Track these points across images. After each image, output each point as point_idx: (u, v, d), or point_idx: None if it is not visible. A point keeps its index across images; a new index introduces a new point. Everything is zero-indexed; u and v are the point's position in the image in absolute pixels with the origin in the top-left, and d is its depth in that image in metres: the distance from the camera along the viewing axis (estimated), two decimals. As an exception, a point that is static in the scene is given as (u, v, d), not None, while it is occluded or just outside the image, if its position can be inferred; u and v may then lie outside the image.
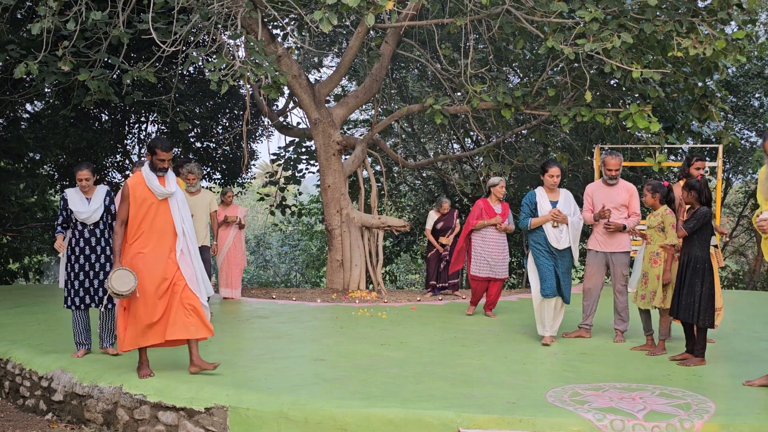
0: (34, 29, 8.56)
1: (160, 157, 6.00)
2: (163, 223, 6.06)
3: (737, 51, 9.76)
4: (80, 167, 6.94)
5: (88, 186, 6.91)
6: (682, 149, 16.06)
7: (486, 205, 9.48)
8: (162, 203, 6.04)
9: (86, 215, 6.82)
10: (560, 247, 7.61)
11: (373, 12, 8.51)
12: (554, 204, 7.70)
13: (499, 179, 9.53)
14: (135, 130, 17.14)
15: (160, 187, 6.02)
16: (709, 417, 4.92)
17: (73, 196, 6.89)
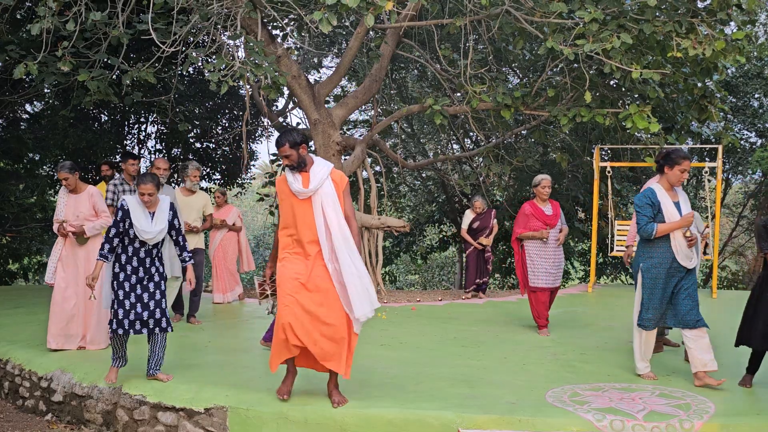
0: (34, 30, 8.55)
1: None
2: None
3: (737, 51, 9.76)
4: (144, 180, 5.97)
5: (151, 197, 5.96)
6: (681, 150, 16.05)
7: (534, 207, 8.42)
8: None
9: (151, 235, 5.95)
10: (691, 265, 6.04)
11: (373, 12, 8.50)
12: (677, 206, 6.11)
13: (542, 177, 8.53)
14: (134, 131, 17.14)
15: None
16: (708, 417, 4.92)
17: (136, 207, 5.95)
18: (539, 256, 8.31)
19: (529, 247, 8.36)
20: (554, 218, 8.39)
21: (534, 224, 8.31)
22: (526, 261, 8.37)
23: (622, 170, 15.69)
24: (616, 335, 8.20)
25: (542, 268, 8.30)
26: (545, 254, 8.32)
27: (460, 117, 15.39)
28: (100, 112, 15.95)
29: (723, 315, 9.75)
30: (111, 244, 5.93)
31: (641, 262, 6.12)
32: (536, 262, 8.31)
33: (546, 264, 8.30)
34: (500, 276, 21.39)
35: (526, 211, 8.41)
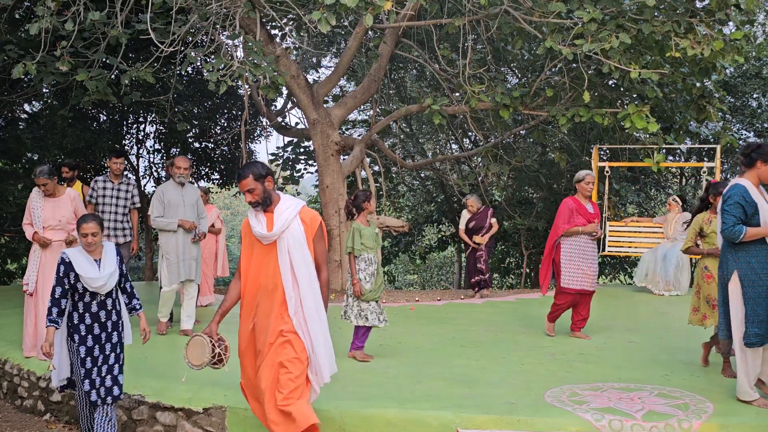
0: (33, 29, 8.55)
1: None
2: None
3: (735, 51, 9.76)
4: (86, 219, 5.26)
5: (95, 237, 5.24)
6: (680, 149, 16.07)
7: (577, 204, 7.97)
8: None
9: (101, 282, 5.20)
10: None
11: (372, 12, 8.50)
12: None
13: (586, 172, 8.06)
14: (133, 131, 17.13)
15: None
16: (707, 417, 4.93)
17: (78, 256, 5.21)
18: (578, 256, 7.89)
19: (566, 247, 7.90)
20: (595, 216, 8.02)
21: (578, 221, 7.90)
22: (560, 261, 7.91)
23: (620, 170, 15.69)
24: (615, 335, 8.20)
25: (579, 270, 7.88)
26: (583, 254, 7.92)
27: (458, 117, 15.39)
28: (98, 112, 15.94)
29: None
30: (59, 306, 5.16)
31: (735, 269, 5.34)
32: (573, 263, 7.87)
33: (584, 265, 7.88)
34: (499, 276, 21.39)
35: (570, 205, 7.92)
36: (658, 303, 10.44)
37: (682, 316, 9.31)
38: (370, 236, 6.86)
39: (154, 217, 7.87)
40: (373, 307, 6.86)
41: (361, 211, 6.89)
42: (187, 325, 8.01)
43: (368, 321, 6.81)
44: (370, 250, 6.87)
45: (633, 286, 12.45)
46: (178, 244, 7.92)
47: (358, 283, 6.76)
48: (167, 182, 8.13)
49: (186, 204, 8.01)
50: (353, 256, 6.82)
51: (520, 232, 16.97)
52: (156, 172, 17.71)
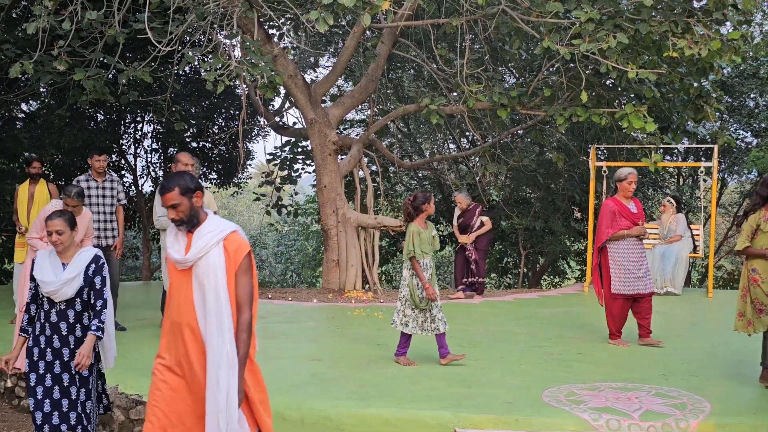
0: (30, 29, 8.54)
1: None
2: None
3: (732, 51, 9.78)
4: (51, 216, 4.72)
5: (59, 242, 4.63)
6: (677, 149, 16.09)
7: (620, 205, 7.56)
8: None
9: (53, 287, 4.58)
10: None
11: (370, 12, 8.50)
12: None
13: (629, 170, 7.66)
14: (131, 130, 17.12)
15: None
16: (704, 416, 4.93)
17: (44, 257, 4.72)
18: (626, 259, 7.46)
19: (613, 250, 7.50)
20: (640, 216, 7.58)
21: (621, 223, 7.49)
22: (609, 266, 7.51)
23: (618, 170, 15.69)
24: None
25: (629, 273, 7.45)
26: (633, 256, 7.48)
27: (456, 116, 15.39)
28: (96, 112, 15.92)
29: (719, 314, 9.78)
30: (29, 313, 4.70)
31: None
32: (623, 267, 7.46)
33: (633, 267, 7.45)
34: (497, 276, 21.39)
35: (611, 208, 7.51)
36: (655, 303, 10.43)
37: (679, 315, 9.33)
38: (427, 240, 6.56)
39: (158, 216, 7.53)
40: (416, 314, 6.55)
41: (420, 213, 6.58)
42: None
43: (407, 328, 6.55)
44: (426, 254, 6.55)
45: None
46: None
47: (430, 286, 6.44)
48: None
49: None
50: (416, 260, 6.47)
51: (517, 232, 16.98)
52: (153, 171, 17.70)
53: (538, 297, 11.52)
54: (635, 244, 7.49)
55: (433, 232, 6.68)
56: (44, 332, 4.64)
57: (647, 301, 7.54)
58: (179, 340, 3.91)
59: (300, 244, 24.34)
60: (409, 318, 6.53)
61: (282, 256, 25.73)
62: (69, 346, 4.65)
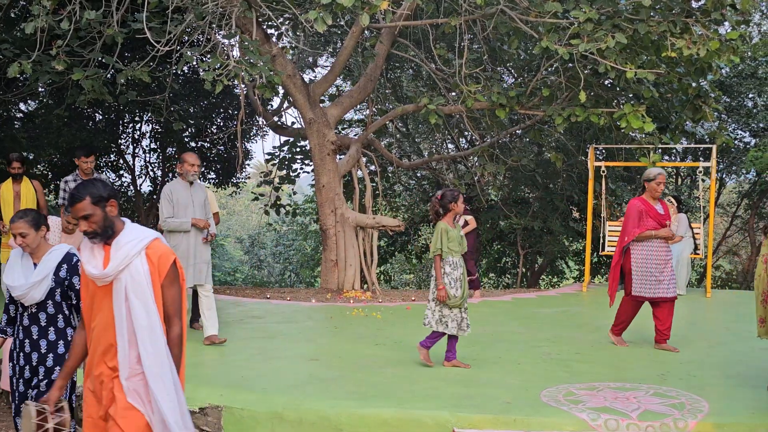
0: (28, 28, 8.53)
1: None
2: None
3: (731, 51, 9.78)
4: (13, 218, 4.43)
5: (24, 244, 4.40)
6: (676, 149, 16.10)
7: (647, 205, 7.31)
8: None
9: (20, 291, 4.35)
10: None
11: (368, 12, 8.51)
12: None
13: (658, 171, 7.39)
14: (129, 130, 17.10)
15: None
16: (702, 416, 4.94)
17: (15, 256, 4.51)
18: (649, 261, 7.24)
19: (636, 251, 7.27)
20: (666, 218, 7.35)
21: (648, 223, 7.25)
22: (631, 267, 7.28)
23: (616, 170, 15.72)
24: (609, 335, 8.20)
25: (651, 276, 7.22)
26: (656, 259, 7.24)
27: (455, 116, 15.39)
28: (94, 111, 15.90)
29: (717, 314, 9.79)
30: (8, 313, 4.54)
31: None
32: (645, 269, 7.23)
33: (656, 270, 7.21)
34: (495, 276, 21.39)
35: (638, 207, 7.26)
36: (654, 302, 10.45)
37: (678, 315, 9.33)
38: (455, 238, 6.44)
39: (165, 218, 7.30)
40: (455, 314, 6.40)
41: (448, 212, 6.46)
42: (212, 330, 7.36)
43: (447, 328, 6.39)
44: (455, 253, 6.43)
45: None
46: (190, 246, 7.34)
47: (443, 287, 6.30)
48: (174, 181, 7.57)
49: (195, 204, 7.45)
50: (439, 258, 6.38)
51: (516, 232, 16.99)
52: (152, 171, 17.68)
53: (536, 297, 11.52)
54: (660, 247, 7.25)
55: (461, 231, 6.59)
56: (18, 335, 4.47)
57: (668, 306, 7.32)
58: (101, 362, 3.58)
59: (298, 244, 24.33)
60: (448, 318, 6.39)
61: (280, 255, 25.72)
62: (39, 351, 4.40)
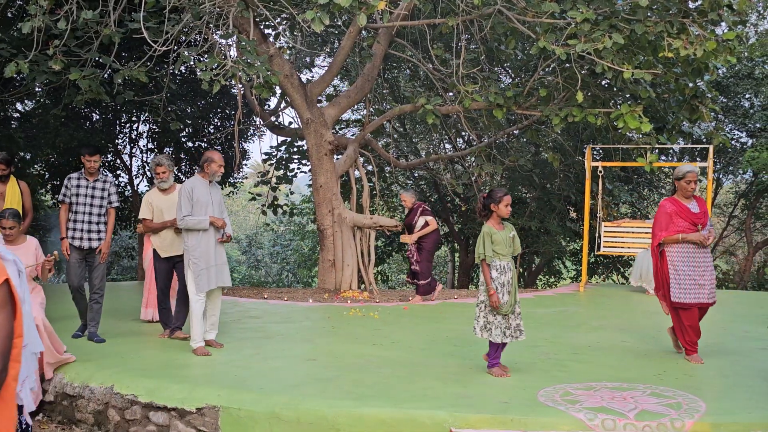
0: (25, 28, 8.52)
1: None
2: None
3: (727, 52, 9.81)
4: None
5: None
6: (673, 149, 16.14)
7: (678, 205, 6.83)
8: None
9: None
10: None
11: (365, 12, 8.51)
12: None
13: (687, 168, 6.83)
14: (126, 130, 17.10)
15: None
16: (699, 416, 4.94)
17: None
18: (686, 263, 6.73)
19: (671, 254, 6.79)
20: (703, 217, 6.83)
21: (679, 224, 6.79)
22: (668, 271, 6.80)
23: (613, 170, 15.75)
24: (608, 335, 8.22)
25: (690, 279, 6.71)
26: (693, 261, 6.74)
27: (452, 116, 15.41)
28: (91, 111, 15.90)
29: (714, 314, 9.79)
30: None
31: None
32: (682, 272, 6.72)
33: (695, 274, 6.70)
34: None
35: (667, 209, 6.82)
36: (652, 302, 10.46)
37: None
38: (503, 241, 6.08)
39: (183, 215, 6.96)
40: (499, 321, 6.08)
41: (491, 213, 6.11)
42: (208, 335, 7.22)
43: (491, 335, 6.10)
44: (503, 256, 6.08)
45: (627, 286, 12.48)
46: (209, 246, 7.01)
47: (495, 294, 6.00)
48: (194, 178, 7.18)
49: (215, 203, 7.16)
50: (486, 264, 6.07)
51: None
52: (149, 171, 17.66)
53: (533, 297, 11.53)
54: (697, 248, 6.75)
55: (511, 233, 6.22)
56: None
57: (704, 311, 6.88)
58: None
59: (296, 244, 24.34)
60: (493, 325, 6.12)
61: (278, 256, 25.73)
62: None
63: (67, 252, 7.45)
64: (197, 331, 6.94)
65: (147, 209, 7.84)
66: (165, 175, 7.79)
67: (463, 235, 19.85)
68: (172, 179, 7.91)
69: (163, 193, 7.87)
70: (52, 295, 10.14)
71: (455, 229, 20.00)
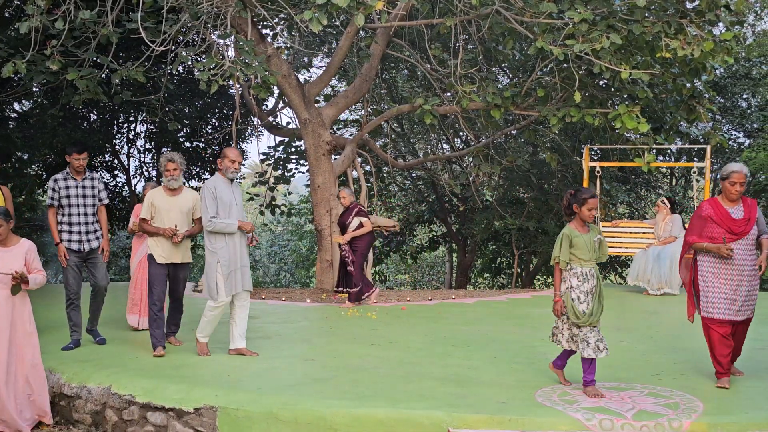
0: (23, 28, 8.52)
1: None
2: None
3: (725, 52, 9.82)
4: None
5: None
6: (670, 150, 16.14)
7: (716, 208, 5.95)
8: None
9: None
10: None
11: (363, 12, 8.51)
12: None
13: (733, 168, 5.95)
14: (124, 130, 17.10)
15: None
16: (697, 416, 4.95)
17: None
18: (716, 275, 5.92)
19: (702, 263, 6.00)
20: (744, 224, 5.88)
21: (712, 231, 5.92)
22: (698, 281, 6.05)
23: (611, 170, 15.76)
24: (606, 334, 8.17)
25: (720, 292, 5.89)
26: (726, 274, 5.89)
27: (450, 117, 15.41)
28: (89, 111, 15.89)
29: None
30: None
31: None
32: (712, 284, 5.93)
33: (726, 287, 5.87)
34: (490, 276, 21.41)
35: (703, 211, 6.01)
36: (650, 302, 10.47)
37: (673, 315, 9.35)
38: (585, 245, 5.55)
39: (209, 217, 6.63)
40: (585, 333, 5.57)
41: (576, 214, 5.62)
42: (239, 343, 6.93)
43: (579, 348, 5.59)
44: (584, 262, 5.56)
45: (624, 286, 12.47)
46: (236, 249, 6.74)
47: (560, 300, 5.59)
48: (215, 177, 6.86)
49: (237, 203, 6.86)
50: (558, 267, 5.63)
51: (511, 232, 17.01)
52: (147, 171, 17.67)
53: (531, 297, 11.53)
54: (739, 257, 5.86)
55: (596, 236, 5.66)
56: None
57: (742, 328, 6.12)
58: None
59: (294, 245, 24.35)
60: (578, 336, 5.61)
61: (276, 256, 25.72)
62: None
63: (64, 257, 7.17)
64: (208, 331, 6.86)
65: (147, 209, 7.21)
66: (176, 172, 7.17)
67: (461, 235, 19.86)
68: (182, 179, 7.36)
69: (169, 193, 7.23)
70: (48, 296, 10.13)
71: (453, 230, 20.01)
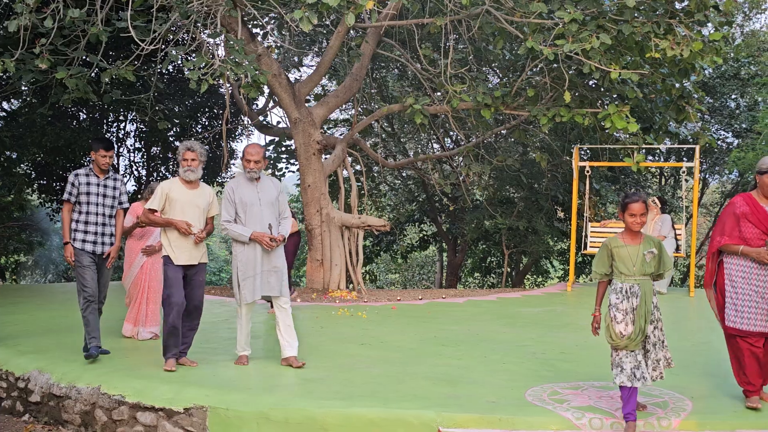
0: (11, 26, 8.47)
1: None
2: None
3: (714, 52, 9.87)
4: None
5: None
6: (659, 149, 16.21)
7: (752, 205, 5.22)
8: None
9: None
10: None
11: (354, 11, 8.51)
12: None
13: None
14: (113, 129, 17.03)
15: None
16: (686, 415, 4.97)
17: None
18: (748, 281, 5.17)
19: (730, 267, 5.25)
20: None
21: (747, 231, 5.20)
22: (724, 287, 5.30)
23: (601, 170, 15.81)
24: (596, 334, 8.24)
25: (751, 301, 5.14)
26: (759, 280, 5.14)
27: (440, 116, 15.43)
28: (78, 110, 15.82)
29: (700, 314, 9.86)
30: None
31: None
32: (741, 291, 5.18)
33: (757, 296, 5.12)
34: (480, 275, 21.44)
35: (736, 208, 5.26)
36: (638, 302, 10.52)
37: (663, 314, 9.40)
38: (629, 257, 4.79)
39: (224, 222, 6.39)
40: (620, 357, 4.80)
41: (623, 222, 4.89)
42: (289, 351, 6.49)
43: (615, 375, 4.81)
44: (627, 277, 4.81)
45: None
46: (255, 255, 6.36)
47: (597, 317, 4.99)
48: (237, 177, 6.56)
49: (263, 203, 6.42)
50: (602, 283, 4.98)
51: (501, 232, 17.04)
52: (137, 171, 17.60)
53: (521, 296, 11.56)
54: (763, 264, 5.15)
55: (647, 249, 4.81)
56: None
57: None
58: None
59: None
60: (615, 360, 4.84)
61: (266, 255, 25.63)
62: None
63: (71, 258, 6.67)
64: (243, 341, 6.54)
65: (159, 199, 6.44)
66: (194, 163, 6.47)
67: (451, 234, 19.88)
68: (201, 171, 6.59)
69: (188, 186, 6.54)
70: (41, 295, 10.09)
71: (443, 229, 20.03)
